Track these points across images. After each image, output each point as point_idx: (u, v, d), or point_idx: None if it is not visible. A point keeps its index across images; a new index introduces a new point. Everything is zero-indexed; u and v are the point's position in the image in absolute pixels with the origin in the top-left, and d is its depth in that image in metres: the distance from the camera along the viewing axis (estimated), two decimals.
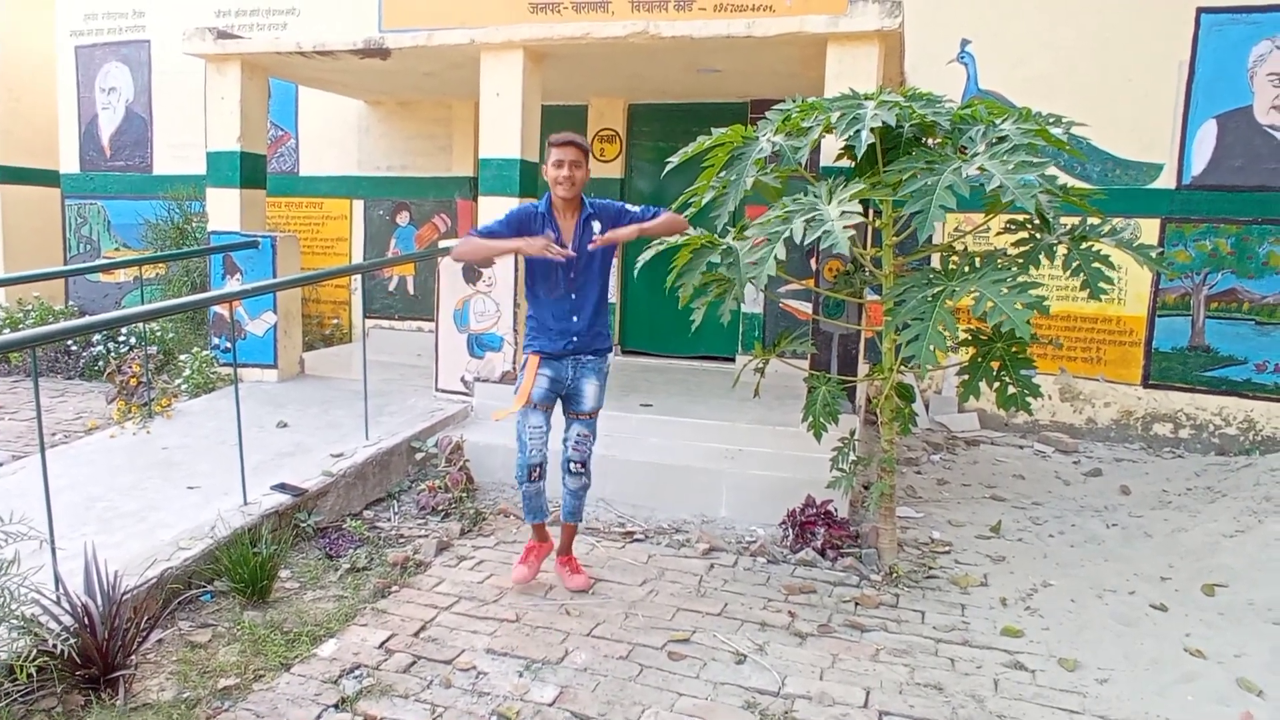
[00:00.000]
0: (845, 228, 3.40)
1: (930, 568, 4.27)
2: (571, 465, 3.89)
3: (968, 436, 6.83)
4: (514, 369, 5.94)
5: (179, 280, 8.27)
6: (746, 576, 4.16)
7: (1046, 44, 6.77)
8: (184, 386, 6.33)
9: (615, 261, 3.85)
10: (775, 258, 3.50)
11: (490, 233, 3.85)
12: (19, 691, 2.89)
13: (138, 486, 4.53)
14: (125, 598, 3.20)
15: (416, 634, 3.49)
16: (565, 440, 3.90)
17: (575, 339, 3.82)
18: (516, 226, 3.81)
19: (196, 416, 5.77)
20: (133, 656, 3.13)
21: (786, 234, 3.51)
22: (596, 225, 3.82)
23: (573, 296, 3.81)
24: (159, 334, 7.39)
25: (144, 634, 3.19)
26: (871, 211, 4.59)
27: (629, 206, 3.92)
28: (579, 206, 3.84)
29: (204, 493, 4.43)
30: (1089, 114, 6.29)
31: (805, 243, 3.47)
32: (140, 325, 6.54)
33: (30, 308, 8.35)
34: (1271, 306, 6.45)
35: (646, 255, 4.18)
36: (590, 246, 3.78)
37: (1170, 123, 6.54)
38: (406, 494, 5.06)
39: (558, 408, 3.94)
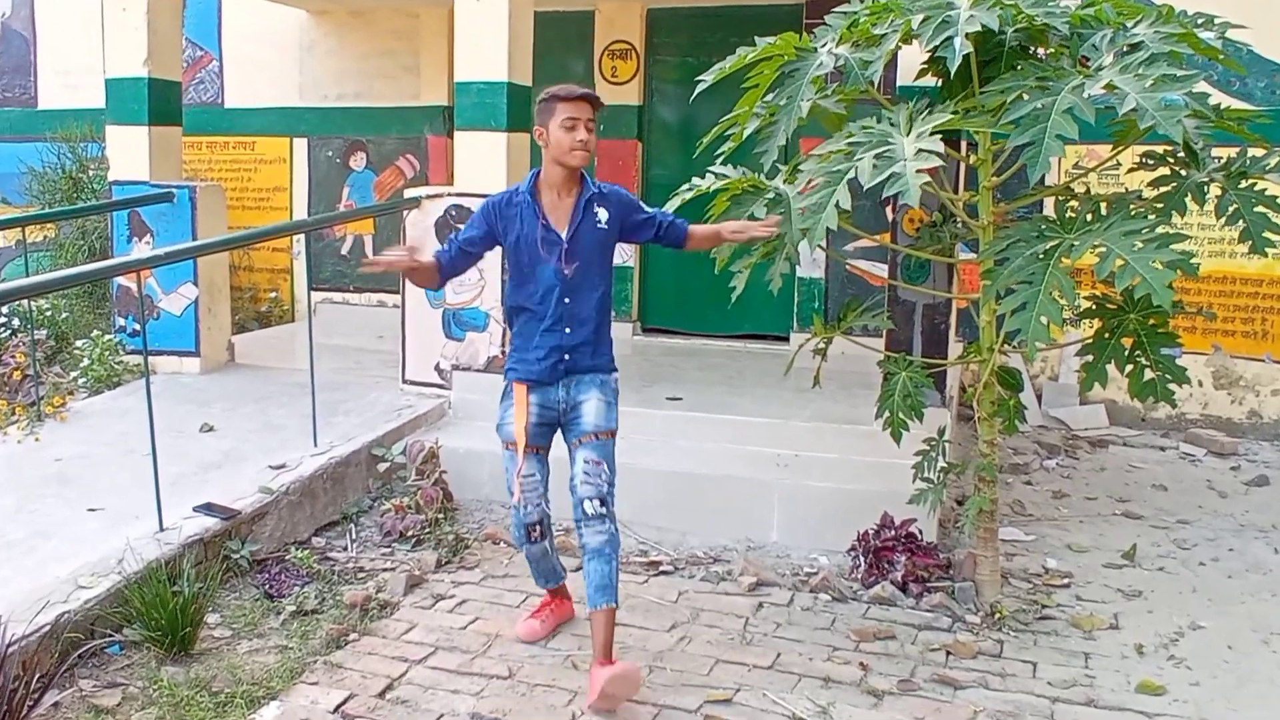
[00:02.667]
0: (920, 171, 3.37)
1: (1044, 606, 4.25)
2: (585, 506, 3.62)
3: (1092, 436, 6.78)
4: (503, 354, 5.96)
5: (73, 245, 8.33)
6: (805, 619, 4.16)
7: None
8: (81, 381, 6.40)
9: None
10: (837, 205, 3.48)
11: (467, 242, 3.83)
12: None
13: (24, 509, 4.58)
14: (11, 650, 3.24)
15: (382, 694, 3.51)
16: (571, 480, 3.68)
17: (567, 357, 3.72)
18: (486, 221, 3.77)
19: (98, 419, 5.82)
20: None
21: (851, 174, 3.49)
22: (603, 213, 3.72)
23: (566, 300, 3.69)
24: (49, 314, 7.46)
25: (36, 696, 3.23)
26: (966, 144, 4.56)
27: (643, 205, 3.90)
28: (578, 183, 3.74)
29: (108, 515, 4.47)
30: (1250, 12, 6.20)
31: (870, 185, 3.44)
32: (24, 303, 6.60)
33: None
34: None
35: (672, 205, 4.17)
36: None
37: None
38: (367, 515, 5.09)
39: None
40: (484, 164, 5.90)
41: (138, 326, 6.63)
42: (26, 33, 9.51)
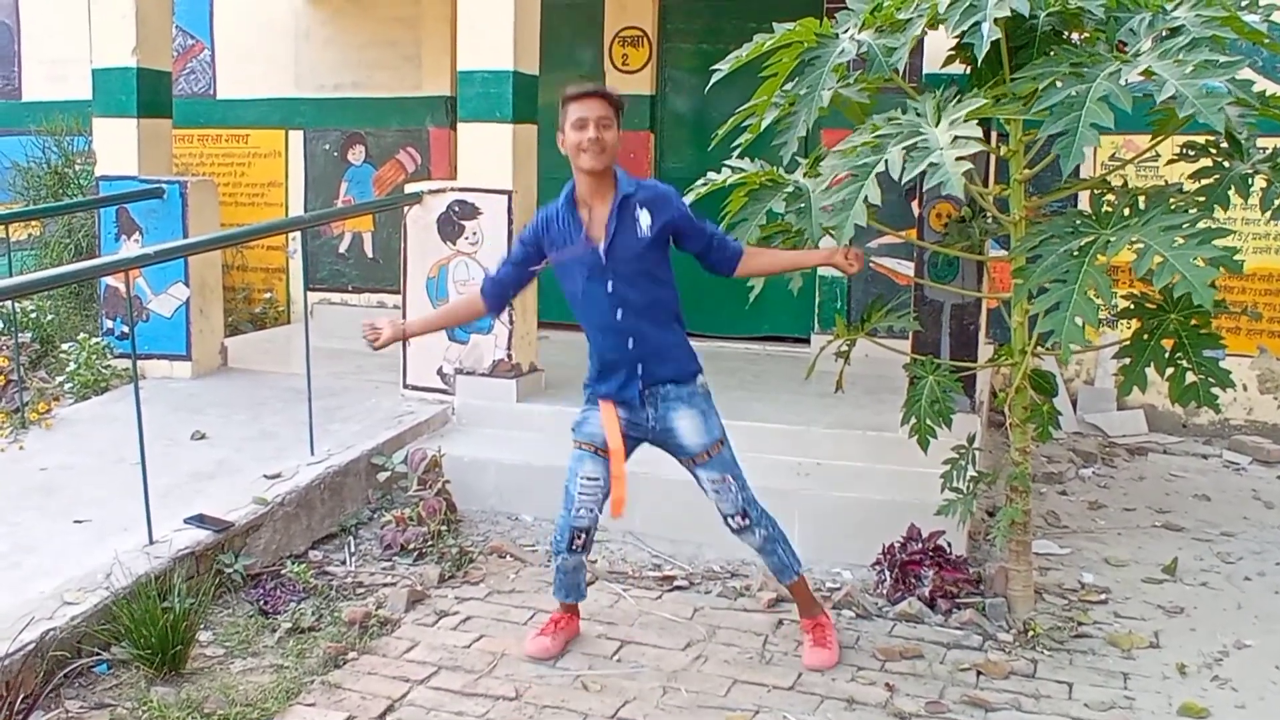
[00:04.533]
0: (959, 159, 3.37)
1: (1080, 623, 4.23)
2: (731, 523, 3.85)
3: (1131, 443, 6.76)
4: (508, 357, 5.97)
5: (59, 243, 8.36)
6: None
7: None
8: (68, 386, 6.42)
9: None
10: (866, 201, 3.47)
11: (508, 263, 3.92)
12: None
13: (7, 520, 4.59)
14: None
15: (382, 716, 3.52)
16: (705, 492, 3.88)
17: (640, 368, 3.74)
18: (534, 242, 3.81)
19: (85, 426, 5.84)
20: None
21: (879, 168, 3.48)
22: (645, 217, 3.69)
23: (618, 315, 3.70)
24: (33, 316, 7.49)
25: (21, 717, 3.24)
26: (995, 135, 4.55)
27: (692, 213, 3.84)
28: (612, 185, 3.71)
29: (96, 528, 4.49)
30: None
31: (905, 180, 3.44)
32: (7, 305, 6.63)
33: None
34: None
35: (686, 200, 4.16)
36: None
37: None
38: (366, 527, 5.10)
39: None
40: (489, 157, 5.91)
41: (126, 329, 6.64)
42: (9, 21, 9.55)
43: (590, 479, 3.82)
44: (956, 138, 3.45)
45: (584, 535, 3.88)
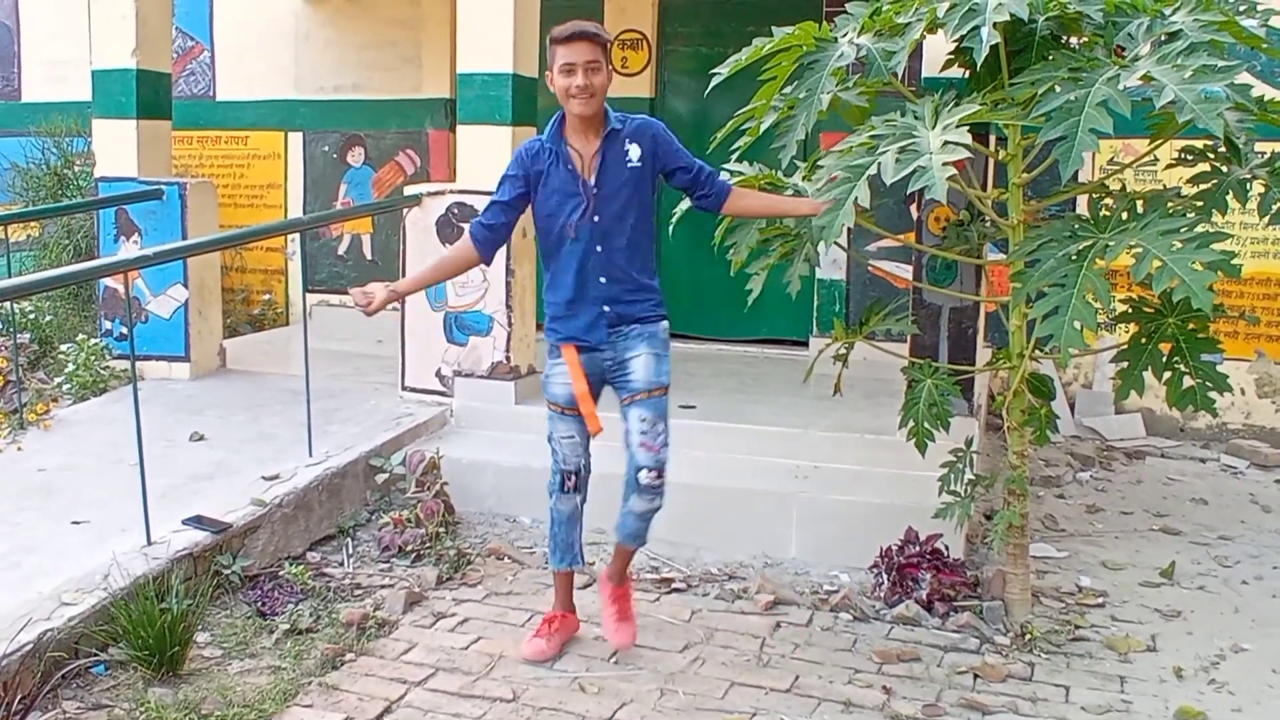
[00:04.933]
0: (946, 164, 3.37)
1: (1077, 626, 4.24)
2: (642, 475, 3.74)
3: (1129, 446, 6.77)
4: (507, 359, 5.97)
5: (58, 244, 8.37)
6: (825, 639, 4.16)
7: None
8: (66, 387, 6.42)
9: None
10: (856, 202, 3.48)
11: (496, 205, 3.85)
12: None
13: (6, 521, 4.59)
14: None
15: (379, 718, 3.52)
16: (626, 437, 3.78)
17: (607, 308, 3.75)
18: (522, 177, 3.79)
19: (83, 427, 5.85)
20: None
21: (872, 170, 3.49)
22: (634, 149, 3.72)
23: (597, 249, 3.73)
24: (32, 317, 7.49)
25: (18, 718, 3.24)
26: (995, 139, 4.55)
27: (683, 149, 3.86)
28: (601, 122, 3.74)
29: (94, 529, 4.49)
30: None
31: (893, 181, 3.44)
32: (6, 305, 6.62)
33: None
34: None
35: (684, 205, 4.17)
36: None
37: None
38: (364, 529, 5.10)
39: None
40: (488, 159, 5.88)
41: (125, 330, 6.65)
42: (9, 21, 9.56)
43: (567, 437, 3.86)
44: (946, 143, 3.45)
45: (574, 476, 3.91)
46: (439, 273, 4.34)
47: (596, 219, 3.72)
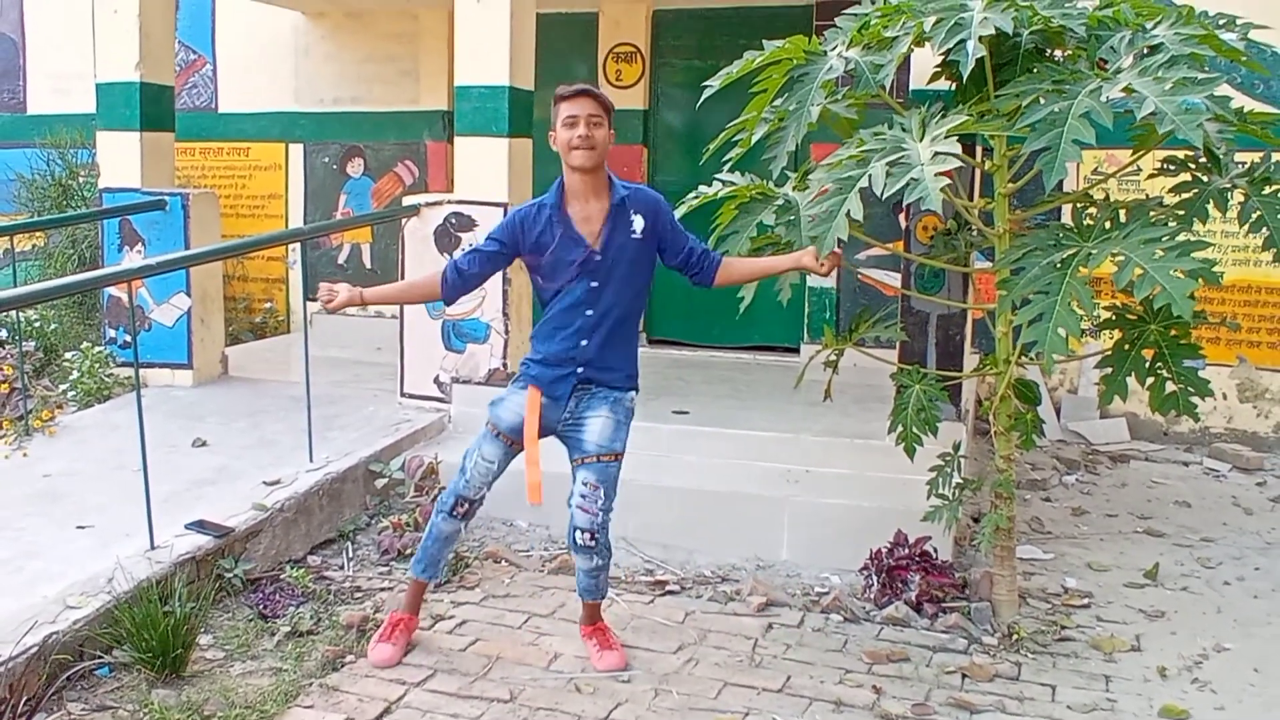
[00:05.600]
0: (938, 175, 3.38)
1: (1063, 627, 4.24)
2: (577, 536, 3.76)
3: (1113, 450, 6.78)
4: (503, 366, 5.97)
5: (62, 254, 8.36)
6: (816, 640, 4.16)
7: None
8: (71, 394, 6.42)
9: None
10: (848, 214, 3.49)
11: (476, 255, 3.84)
12: None
13: (11, 526, 4.59)
14: None
15: (379, 719, 3.52)
16: (569, 497, 3.79)
17: (580, 370, 3.75)
18: (510, 234, 3.78)
19: (87, 433, 5.84)
20: None
21: (863, 181, 3.50)
22: (639, 221, 3.71)
23: (588, 312, 3.71)
24: (38, 325, 7.49)
25: (24, 719, 3.24)
26: (981, 150, 4.57)
27: (678, 224, 3.86)
28: (605, 188, 3.73)
29: (98, 534, 4.48)
30: (1274, 13, 6.21)
31: (886, 194, 3.45)
32: (12, 314, 6.62)
33: None
34: None
35: (678, 213, 4.18)
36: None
37: None
38: (364, 533, 5.10)
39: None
40: (485, 171, 5.92)
41: (129, 338, 6.65)
42: (15, 35, 9.55)
43: (487, 461, 3.84)
44: (937, 154, 3.47)
45: (468, 505, 3.89)
46: (404, 295, 4.62)
47: (595, 285, 3.70)
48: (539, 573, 4.74)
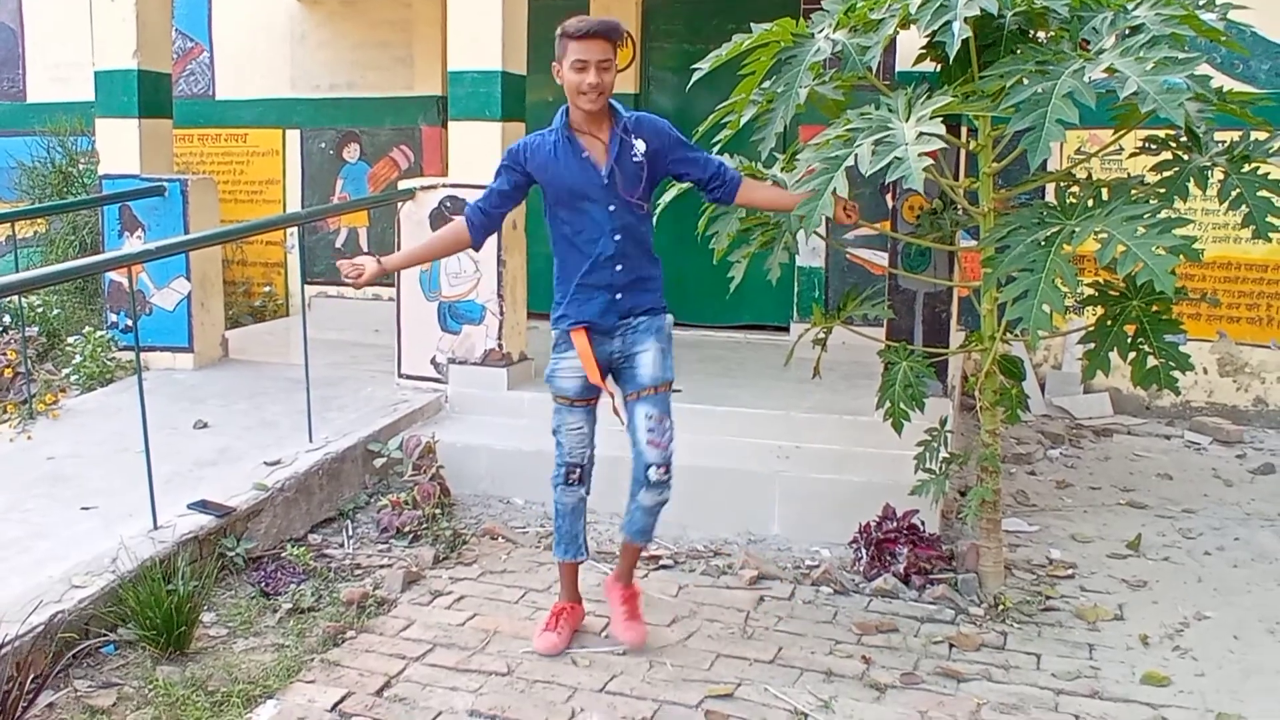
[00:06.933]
0: (922, 154, 3.37)
1: (1048, 597, 4.26)
2: (651, 472, 3.67)
3: (1096, 424, 6.79)
4: (499, 347, 5.96)
5: (63, 240, 8.33)
6: (807, 612, 4.17)
7: None
8: (74, 378, 6.40)
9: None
10: (835, 193, 3.48)
11: (494, 193, 3.76)
12: None
13: (17, 507, 4.59)
14: (5, 651, 3.25)
15: (379, 692, 3.52)
16: (633, 434, 3.71)
17: (619, 296, 3.68)
18: (520, 161, 3.71)
19: (90, 416, 5.83)
20: None
21: (849, 161, 3.48)
22: (640, 144, 3.65)
23: (616, 238, 3.64)
24: (40, 310, 7.46)
25: (30, 697, 3.23)
26: (966, 130, 4.55)
27: (688, 142, 3.80)
28: (609, 116, 3.67)
29: (102, 514, 4.48)
30: None
31: (871, 172, 3.44)
32: (15, 299, 6.59)
33: None
34: None
35: (669, 196, 4.16)
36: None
37: None
38: (363, 511, 5.10)
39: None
40: (479, 154, 5.88)
41: (130, 322, 6.63)
42: (14, 25, 9.50)
43: (575, 428, 3.78)
44: (921, 134, 3.45)
45: (579, 470, 3.82)
46: (430, 251, 4.35)
47: (612, 208, 3.64)
48: (535, 549, 4.74)
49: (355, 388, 6.18)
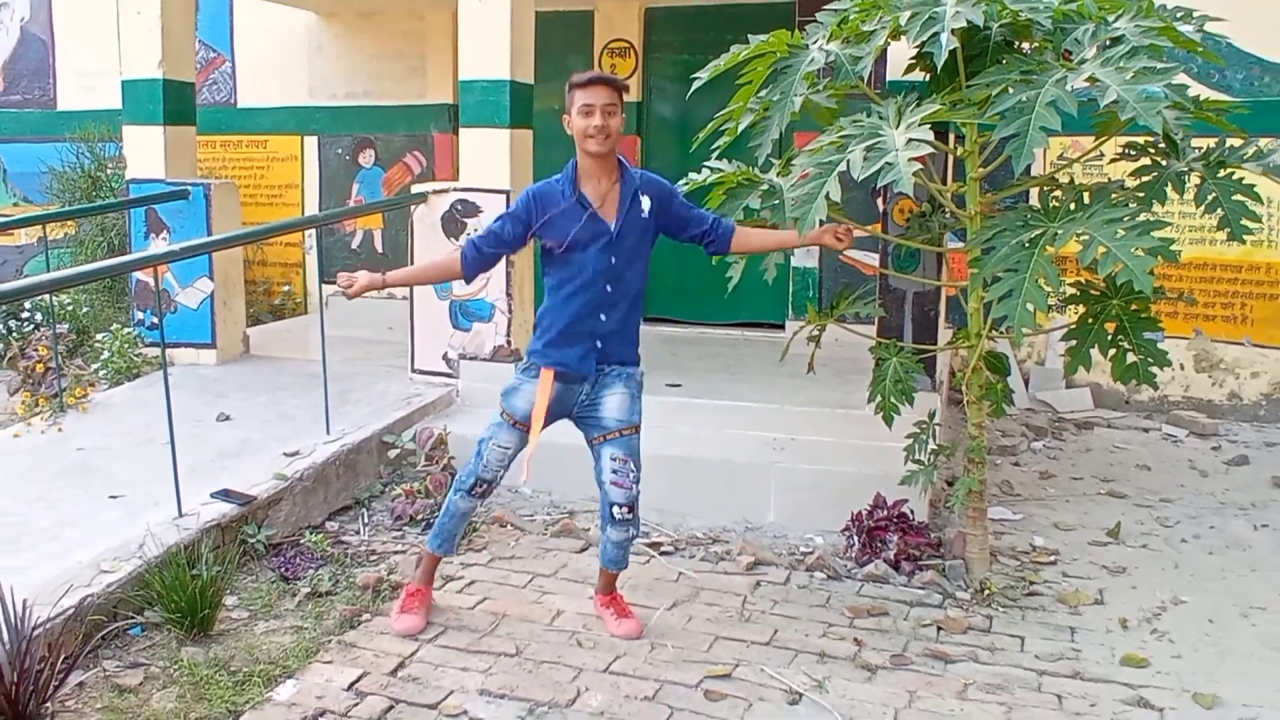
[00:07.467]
0: (911, 160, 3.37)
1: (1031, 582, 4.26)
2: (615, 511, 3.70)
3: (1078, 418, 6.79)
4: (507, 343, 5.96)
5: (93, 241, 8.34)
6: (801, 596, 4.18)
7: None
8: (102, 373, 6.40)
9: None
10: (827, 196, 3.47)
11: (494, 235, 3.71)
12: None
13: (48, 497, 4.59)
14: (37, 633, 3.25)
15: (393, 673, 3.53)
16: (598, 475, 3.73)
17: (600, 344, 3.66)
18: (528, 214, 3.65)
19: (118, 409, 5.83)
20: (48, 704, 3.18)
21: (842, 166, 3.48)
22: (646, 201, 3.65)
23: (608, 289, 3.63)
24: (70, 308, 7.47)
25: (61, 676, 3.24)
26: (953, 137, 4.55)
27: (684, 199, 3.80)
28: (617, 170, 3.65)
29: (129, 503, 4.48)
30: (1228, 6, 6.18)
31: (862, 177, 3.43)
32: (46, 298, 6.60)
33: None
34: None
35: None
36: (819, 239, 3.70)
37: None
38: (378, 500, 5.10)
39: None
40: (488, 160, 5.90)
41: (156, 320, 6.63)
42: (45, 36, 9.50)
43: (503, 447, 3.75)
44: (911, 140, 3.45)
45: (487, 485, 3.81)
46: (425, 276, 4.56)
47: (614, 260, 3.61)
48: (542, 535, 4.75)
49: (370, 382, 6.18)
